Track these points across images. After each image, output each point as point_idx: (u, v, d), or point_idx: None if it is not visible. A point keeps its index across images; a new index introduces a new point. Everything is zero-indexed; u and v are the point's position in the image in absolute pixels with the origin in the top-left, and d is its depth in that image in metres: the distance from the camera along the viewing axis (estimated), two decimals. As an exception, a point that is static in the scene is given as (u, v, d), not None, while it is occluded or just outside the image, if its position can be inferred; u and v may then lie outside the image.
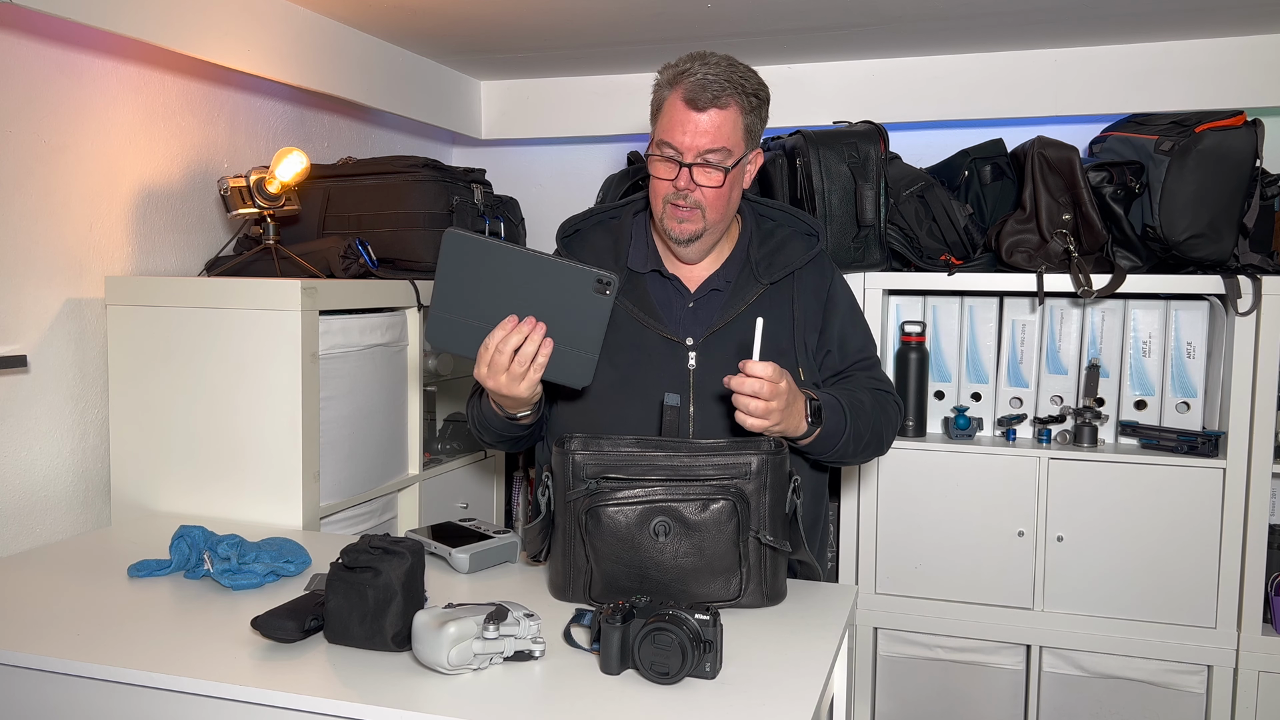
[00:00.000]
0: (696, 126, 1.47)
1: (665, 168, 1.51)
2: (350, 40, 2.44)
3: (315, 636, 1.28)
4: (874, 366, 1.67)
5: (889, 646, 2.43)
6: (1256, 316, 2.12)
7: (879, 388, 1.64)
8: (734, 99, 1.48)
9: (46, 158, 1.86)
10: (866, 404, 1.57)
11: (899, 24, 2.36)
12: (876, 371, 1.67)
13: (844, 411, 1.52)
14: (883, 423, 1.60)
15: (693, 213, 1.51)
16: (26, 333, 1.84)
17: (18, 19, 1.79)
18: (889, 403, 1.64)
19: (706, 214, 1.52)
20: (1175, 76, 2.50)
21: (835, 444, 1.52)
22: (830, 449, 1.53)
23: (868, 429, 1.56)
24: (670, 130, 1.49)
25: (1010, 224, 2.29)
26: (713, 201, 1.51)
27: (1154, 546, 2.21)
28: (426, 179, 2.31)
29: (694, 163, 1.48)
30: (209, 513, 1.90)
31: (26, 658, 1.23)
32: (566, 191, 3.15)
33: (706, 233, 1.54)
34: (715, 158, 1.48)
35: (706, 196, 1.50)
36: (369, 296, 2.07)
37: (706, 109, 1.47)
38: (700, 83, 1.46)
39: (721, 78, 1.47)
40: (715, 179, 1.49)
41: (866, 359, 1.67)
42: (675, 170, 1.49)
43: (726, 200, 1.53)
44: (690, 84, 1.47)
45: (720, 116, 1.48)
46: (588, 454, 1.37)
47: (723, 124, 1.48)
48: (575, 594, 1.39)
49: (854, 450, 1.56)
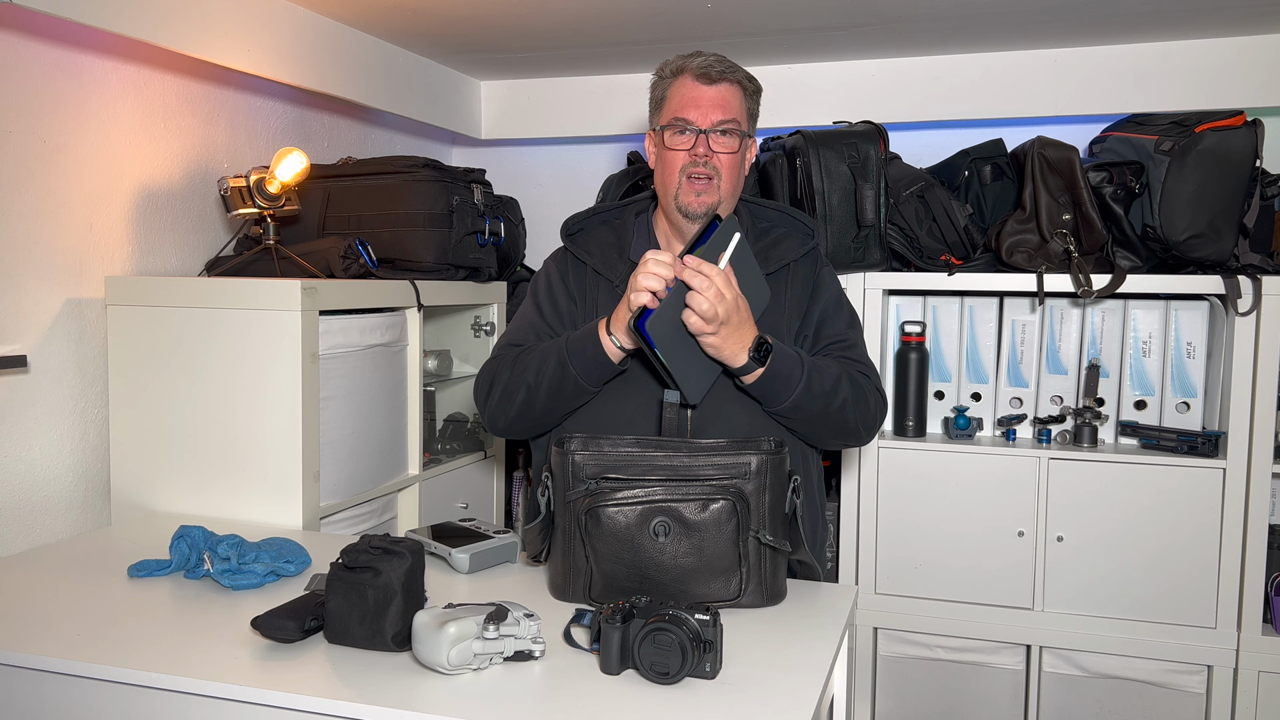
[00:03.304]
0: (710, 99, 1.57)
1: (682, 139, 1.57)
2: (350, 40, 2.44)
3: (315, 636, 1.27)
4: (852, 349, 1.62)
5: (889, 646, 2.43)
6: (1256, 316, 2.12)
7: (857, 370, 1.58)
8: (738, 79, 1.59)
9: (46, 158, 1.86)
10: (833, 371, 1.52)
11: (899, 24, 2.36)
12: (854, 353, 1.62)
13: (801, 364, 1.47)
14: (852, 397, 1.53)
15: (709, 184, 1.56)
16: (26, 333, 1.84)
17: (18, 19, 1.79)
18: (865, 384, 1.57)
19: (722, 184, 1.57)
20: (1175, 76, 2.50)
21: (789, 394, 1.47)
22: (783, 399, 1.47)
23: (832, 394, 1.50)
24: (684, 106, 1.57)
25: (1010, 224, 2.29)
26: (728, 169, 1.57)
27: (1154, 547, 2.21)
28: (426, 179, 2.31)
29: (711, 129, 1.56)
30: (209, 513, 1.90)
31: (26, 658, 1.23)
32: (566, 191, 3.15)
33: (720, 205, 1.58)
34: (729, 126, 1.57)
35: (723, 163, 1.57)
36: (369, 296, 2.07)
37: (717, 82, 1.57)
38: (708, 62, 1.57)
39: (724, 62, 1.59)
40: (731, 145, 1.57)
41: (844, 341, 1.62)
42: (692, 140, 1.56)
43: (739, 171, 1.60)
44: (698, 64, 1.57)
45: (729, 90, 1.58)
46: (587, 454, 1.37)
47: (731, 98, 1.58)
48: (575, 594, 1.39)
49: (817, 412, 1.50)
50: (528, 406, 1.55)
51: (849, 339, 1.64)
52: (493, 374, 1.60)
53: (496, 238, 2.48)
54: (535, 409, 1.56)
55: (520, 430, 1.63)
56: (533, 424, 1.60)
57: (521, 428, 1.61)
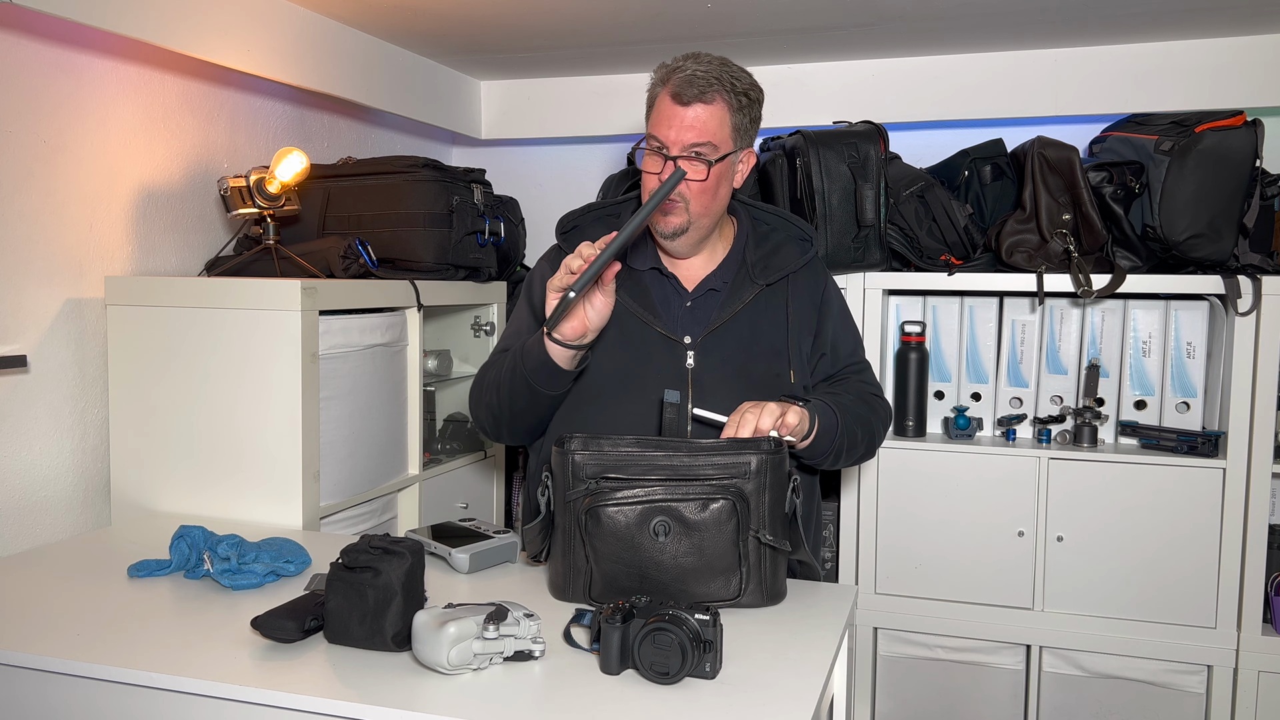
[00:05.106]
0: (681, 120, 1.48)
1: (652, 161, 1.52)
2: (350, 40, 2.44)
3: (315, 636, 1.27)
4: (865, 370, 1.71)
5: (889, 646, 2.43)
6: (1256, 316, 2.12)
7: (871, 392, 1.67)
8: (721, 95, 1.49)
9: (46, 158, 1.86)
10: (857, 407, 1.60)
11: (899, 24, 2.36)
12: (867, 375, 1.71)
13: (834, 411, 1.54)
14: (874, 424, 1.63)
15: (676, 205, 1.52)
16: (26, 333, 1.84)
17: (18, 19, 1.79)
18: (879, 405, 1.67)
19: (690, 207, 1.52)
20: (1175, 76, 2.50)
21: (831, 442, 1.53)
22: (827, 449, 1.54)
23: (861, 428, 1.59)
24: (657, 124, 1.51)
25: (1010, 224, 2.29)
26: (697, 195, 1.51)
27: (1154, 546, 2.21)
28: (426, 179, 2.31)
29: (679, 156, 1.49)
30: (209, 513, 1.90)
31: (26, 658, 1.23)
32: (566, 191, 3.15)
33: (692, 228, 1.54)
34: (700, 151, 1.49)
35: (691, 189, 1.51)
36: (369, 296, 2.07)
37: (692, 104, 1.48)
38: (688, 78, 1.47)
39: (710, 74, 1.48)
40: (699, 172, 1.50)
41: (857, 363, 1.71)
42: (661, 164, 1.51)
43: (713, 195, 1.53)
44: (678, 79, 1.48)
45: (705, 111, 1.48)
46: (587, 454, 1.37)
47: (708, 119, 1.49)
48: (575, 594, 1.39)
49: (847, 449, 1.57)
50: (507, 415, 1.58)
51: (860, 359, 1.71)
52: (481, 383, 1.62)
53: (496, 238, 2.48)
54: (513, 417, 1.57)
55: (512, 437, 1.63)
56: (521, 431, 1.62)
57: (510, 435, 1.63)
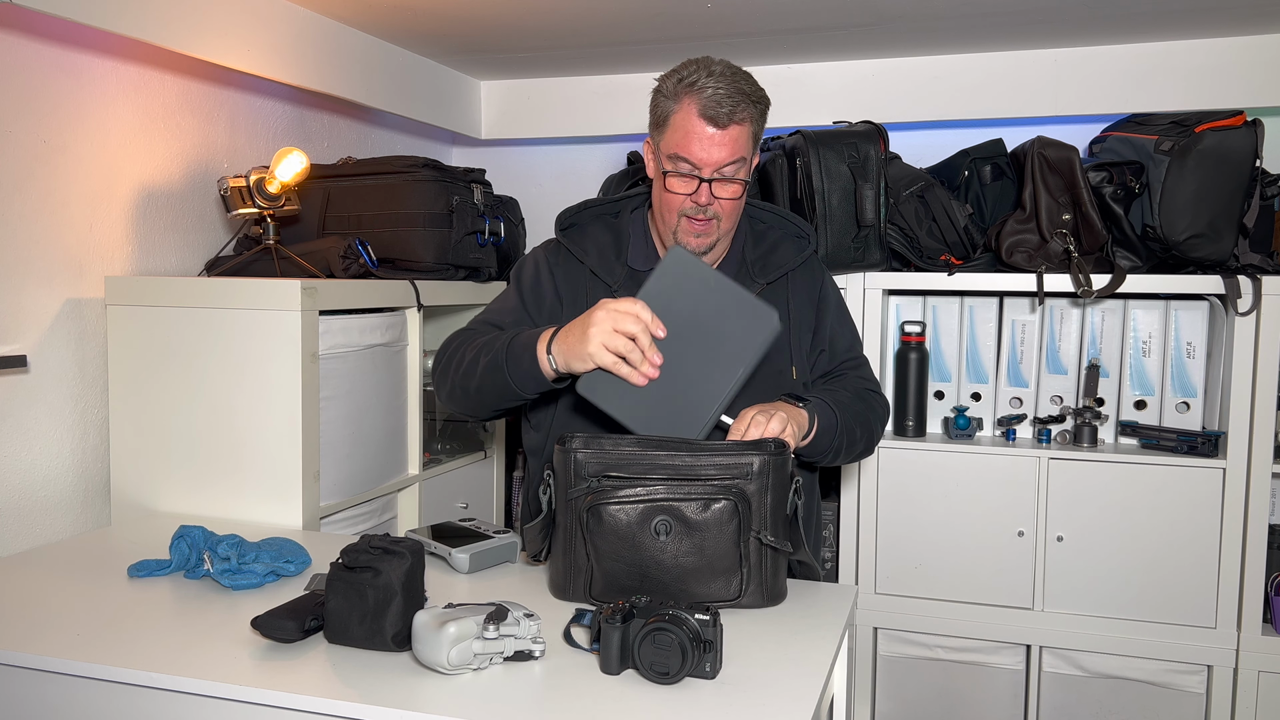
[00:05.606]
0: (718, 143, 1.47)
1: (683, 183, 1.50)
2: (350, 40, 2.44)
3: (315, 636, 1.27)
4: (862, 365, 1.72)
5: (889, 646, 2.43)
6: (1256, 316, 2.12)
7: (867, 387, 1.68)
8: (748, 111, 1.49)
9: (46, 158, 1.86)
10: (856, 404, 1.60)
11: (899, 24, 2.36)
12: (865, 370, 1.71)
13: (833, 410, 1.54)
14: (872, 420, 1.64)
15: (709, 224, 1.53)
16: (26, 333, 1.84)
17: (18, 19, 1.79)
18: (877, 402, 1.67)
19: (722, 224, 1.54)
20: (1175, 76, 2.50)
21: (830, 441, 1.53)
22: (826, 448, 1.54)
23: (859, 425, 1.59)
24: (688, 146, 1.48)
25: (1010, 224, 2.29)
26: (729, 212, 1.54)
27: (1154, 546, 2.21)
28: (426, 179, 2.31)
29: (713, 178, 1.49)
30: (209, 513, 1.90)
31: (26, 658, 1.23)
32: (566, 191, 3.15)
33: (719, 242, 1.57)
34: (732, 169, 1.50)
35: (725, 208, 1.52)
36: (369, 296, 2.07)
37: (727, 125, 1.47)
38: (715, 99, 1.45)
39: (735, 92, 1.46)
40: (734, 190, 1.52)
41: (854, 358, 1.71)
42: (694, 185, 1.50)
43: (740, 205, 1.56)
44: (706, 101, 1.46)
45: (739, 131, 1.49)
46: (589, 452, 1.37)
47: (740, 137, 1.49)
48: (575, 593, 1.39)
49: (846, 446, 1.57)
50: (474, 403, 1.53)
51: (857, 355, 1.72)
52: (452, 358, 1.56)
53: (496, 238, 2.48)
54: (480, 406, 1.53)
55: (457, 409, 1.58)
56: (469, 410, 1.57)
57: (468, 415, 1.59)
